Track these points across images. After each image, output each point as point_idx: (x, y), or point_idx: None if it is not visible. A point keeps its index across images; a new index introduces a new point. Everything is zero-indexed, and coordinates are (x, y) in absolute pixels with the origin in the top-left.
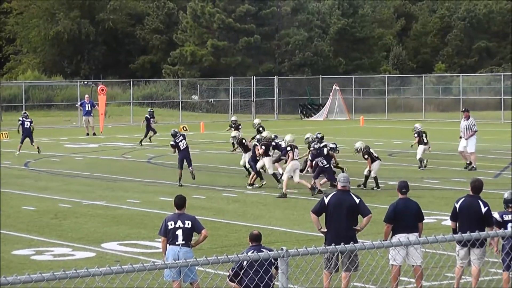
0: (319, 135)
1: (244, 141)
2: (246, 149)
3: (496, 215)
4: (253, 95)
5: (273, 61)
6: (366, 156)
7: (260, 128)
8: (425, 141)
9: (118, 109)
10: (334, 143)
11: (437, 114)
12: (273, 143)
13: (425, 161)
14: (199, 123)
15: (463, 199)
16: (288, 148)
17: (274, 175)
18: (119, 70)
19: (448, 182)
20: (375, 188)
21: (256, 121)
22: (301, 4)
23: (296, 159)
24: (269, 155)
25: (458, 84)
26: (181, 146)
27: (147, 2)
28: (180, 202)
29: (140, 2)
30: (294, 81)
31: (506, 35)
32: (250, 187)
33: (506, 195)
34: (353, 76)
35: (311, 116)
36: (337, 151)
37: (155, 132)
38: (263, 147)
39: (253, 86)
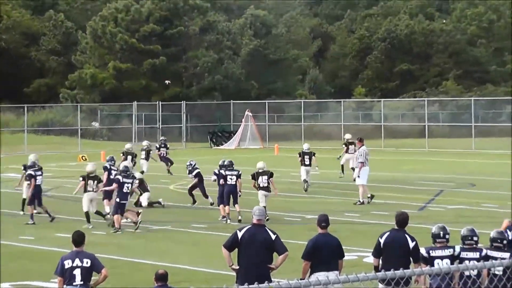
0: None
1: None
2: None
3: (422, 250)
4: (159, 122)
5: (180, 85)
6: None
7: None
8: (307, 162)
9: (11, 137)
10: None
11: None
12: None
13: (307, 184)
14: (99, 152)
15: (387, 233)
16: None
17: (98, 212)
18: (12, 95)
19: (368, 215)
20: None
21: (128, 145)
22: (210, 24)
23: (92, 190)
24: (88, 191)
25: (379, 110)
26: (38, 180)
27: (42, 21)
28: (79, 239)
29: (35, 21)
30: (203, 106)
31: (429, 57)
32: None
33: (434, 229)
34: (266, 101)
35: (222, 145)
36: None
37: (171, 163)
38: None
39: (159, 112)
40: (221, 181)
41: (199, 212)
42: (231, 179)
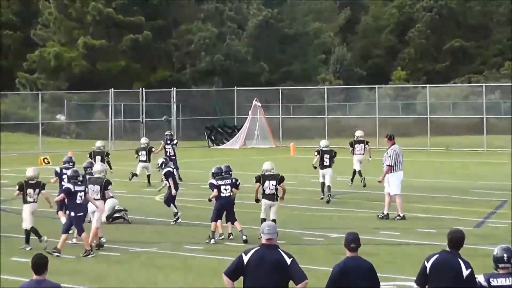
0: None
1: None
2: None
3: (480, 278)
4: (142, 115)
5: (170, 68)
6: (255, 180)
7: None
8: (327, 163)
9: None
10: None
11: (396, 140)
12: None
13: (328, 194)
14: (66, 153)
15: (436, 256)
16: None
17: (33, 229)
18: None
19: (411, 234)
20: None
21: (98, 143)
22: None
23: (33, 201)
24: (28, 202)
25: (424, 99)
26: None
27: None
28: (40, 262)
29: None
30: (198, 94)
31: (488, 31)
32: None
33: (496, 251)
34: (280, 87)
35: (223, 143)
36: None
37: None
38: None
39: (142, 101)
40: (215, 191)
41: (192, 229)
42: (225, 189)
